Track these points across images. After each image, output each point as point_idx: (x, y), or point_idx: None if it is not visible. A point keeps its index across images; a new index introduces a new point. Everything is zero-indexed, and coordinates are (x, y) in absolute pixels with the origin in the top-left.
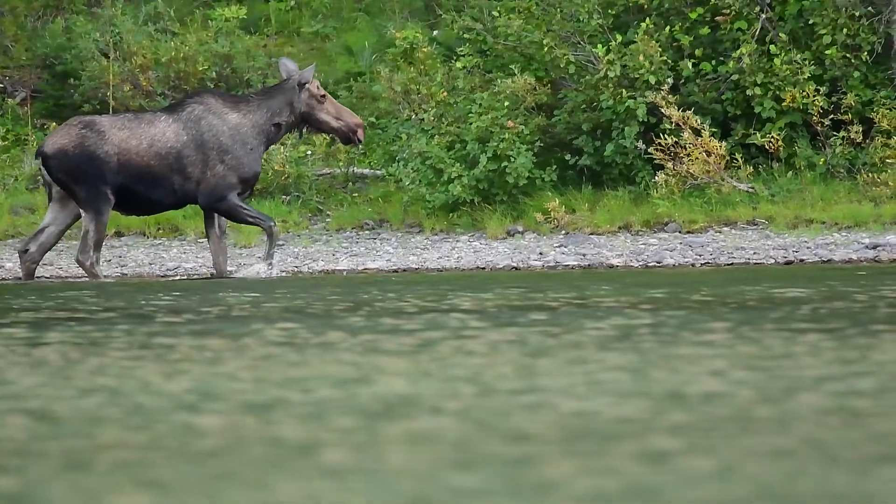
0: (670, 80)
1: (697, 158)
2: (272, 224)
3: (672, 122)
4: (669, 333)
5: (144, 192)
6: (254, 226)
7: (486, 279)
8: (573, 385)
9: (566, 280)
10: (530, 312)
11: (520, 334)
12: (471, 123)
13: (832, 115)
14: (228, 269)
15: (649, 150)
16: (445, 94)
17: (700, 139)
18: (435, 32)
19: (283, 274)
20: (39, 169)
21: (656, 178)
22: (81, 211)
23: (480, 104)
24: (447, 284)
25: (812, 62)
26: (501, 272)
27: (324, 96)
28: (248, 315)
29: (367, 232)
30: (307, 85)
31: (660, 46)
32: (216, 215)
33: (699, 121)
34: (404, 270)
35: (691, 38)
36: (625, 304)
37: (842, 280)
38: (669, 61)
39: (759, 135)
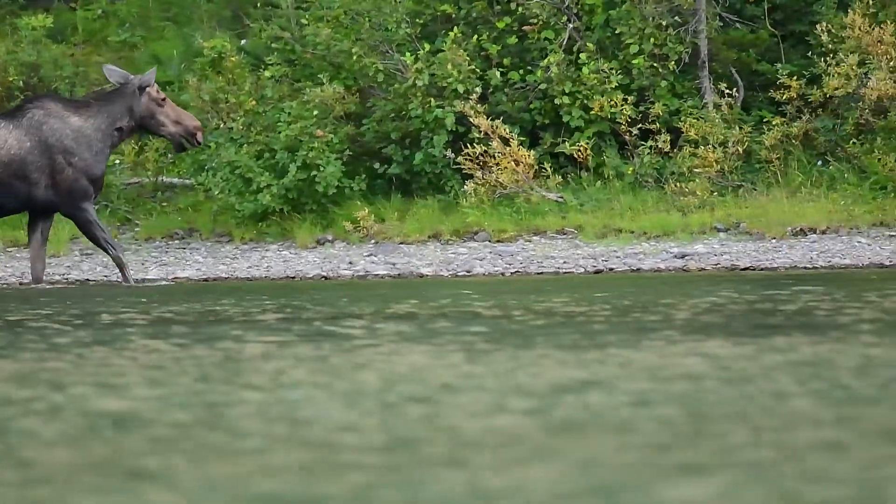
0: (479, 90)
1: (506, 168)
2: (121, 254)
3: (481, 132)
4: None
5: None
6: (100, 248)
7: (294, 289)
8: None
9: (372, 290)
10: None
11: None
12: (280, 132)
13: (640, 125)
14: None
15: (458, 159)
16: (254, 102)
17: (509, 148)
18: (243, 42)
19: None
20: None
21: (465, 187)
22: None
23: (289, 113)
24: (254, 294)
25: (619, 71)
26: (310, 281)
27: (164, 100)
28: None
29: (176, 241)
30: (147, 88)
31: (468, 55)
32: (42, 222)
33: (508, 130)
34: (214, 280)
35: (499, 48)
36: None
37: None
38: (478, 70)
39: (567, 144)
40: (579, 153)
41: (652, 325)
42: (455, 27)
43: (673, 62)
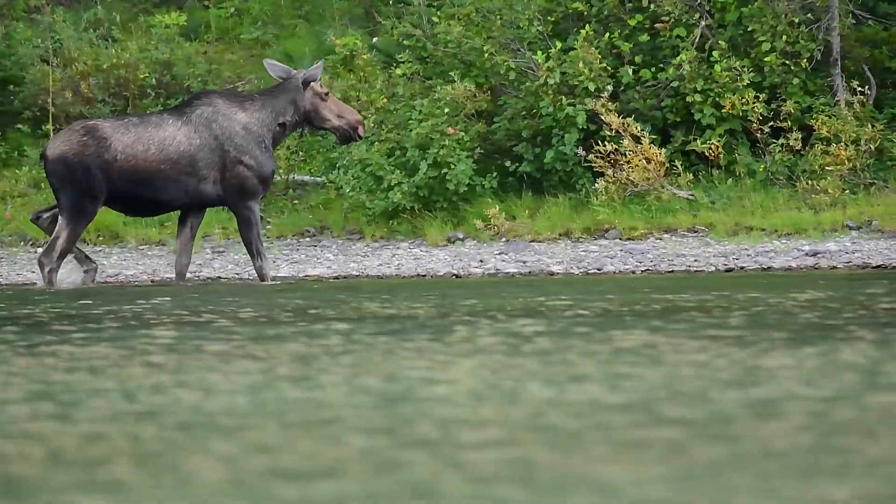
0: (610, 87)
1: (637, 165)
2: (263, 267)
3: (612, 129)
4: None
5: (152, 195)
6: (249, 252)
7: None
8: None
9: (510, 287)
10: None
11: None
12: (411, 130)
13: (772, 123)
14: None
15: (589, 156)
16: (385, 100)
17: (640, 146)
18: (374, 39)
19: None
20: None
21: (596, 184)
22: (60, 216)
23: (420, 111)
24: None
25: (751, 69)
26: (442, 279)
27: (327, 94)
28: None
29: (307, 239)
30: (312, 83)
31: (599, 53)
32: (193, 217)
33: (639, 128)
34: (345, 277)
35: (631, 45)
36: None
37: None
38: (609, 68)
39: (699, 142)
40: (710, 151)
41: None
42: (587, 25)
43: (805, 60)
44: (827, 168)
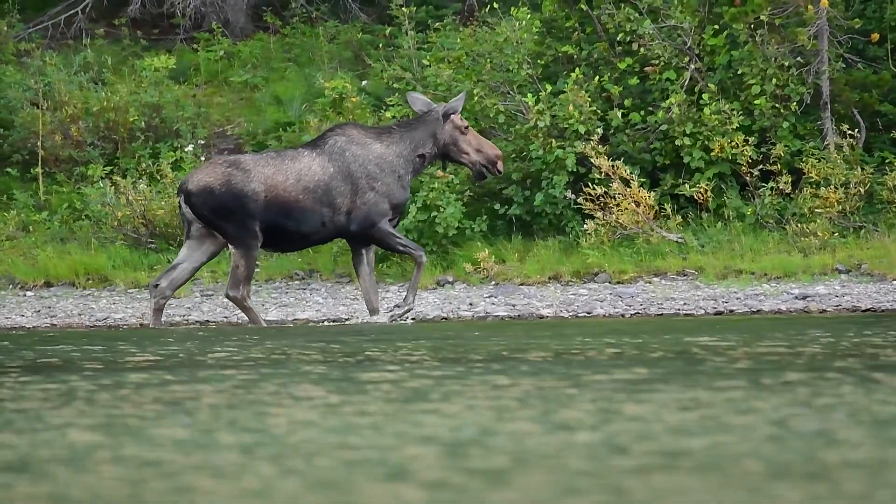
0: (600, 130)
1: (627, 209)
2: (423, 255)
3: (601, 172)
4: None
5: (293, 227)
6: (404, 254)
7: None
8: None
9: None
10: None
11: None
12: None
13: (761, 166)
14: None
15: (579, 199)
16: None
17: (629, 189)
18: (364, 82)
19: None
20: (180, 206)
21: (586, 227)
22: (231, 247)
23: None
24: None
25: (741, 112)
26: (431, 322)
27: (467, 127)
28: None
29: (296, 282)
30: (452, 116)
31: (589, 96)
32: (364, 252)
33: (628, 171)
34: (334, 321)
35: (620, 89)
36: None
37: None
38: (599, 111)
39: (688, 185)
40: (700, 194)
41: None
42: (576, 68)
43: (795, 103)
44: (816, 211)
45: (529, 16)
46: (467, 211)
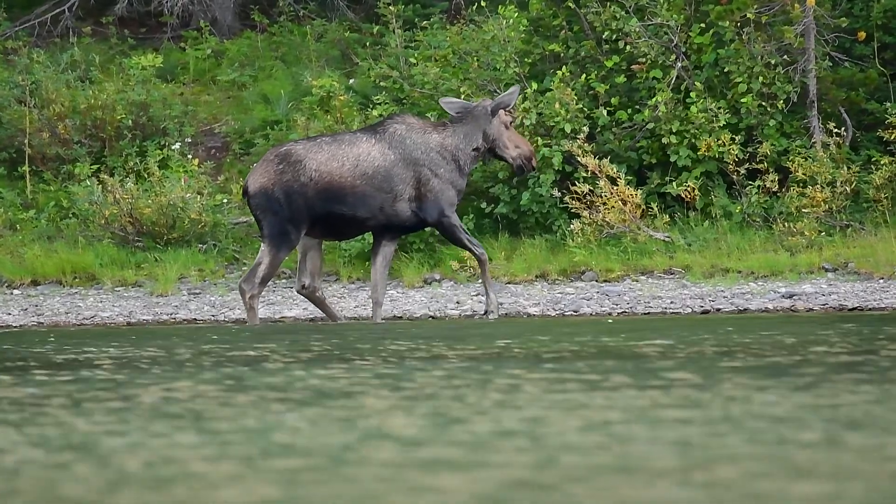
0: (586, 129)
1: (613, 207)
2: (484, 252)
3: (588, 171)
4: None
5: (350, 212)
6: (466, 250)
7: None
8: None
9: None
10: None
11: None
12: None
13: (748, 164)
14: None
15: (565, 198)
16: None
17: (616, 188)
18: (351, 80)
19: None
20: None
21: (572, 226)
22: (263, 243)
23: None
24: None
25: (728, 111)
26: (418, 321)
27: (511, 123)
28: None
29: (283, 280)
30: (501, 111)
31: (575, 94)
32: (386, 244)
33: (615, 169)
34: (322, 320)
35: (607, 87)
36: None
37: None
38: (585, 109)
39: (674, 183)
40: (686, 193)
41: None
42: (563, 66)
43: (781, 101)
44: (803, 210)
45: (516, 14)
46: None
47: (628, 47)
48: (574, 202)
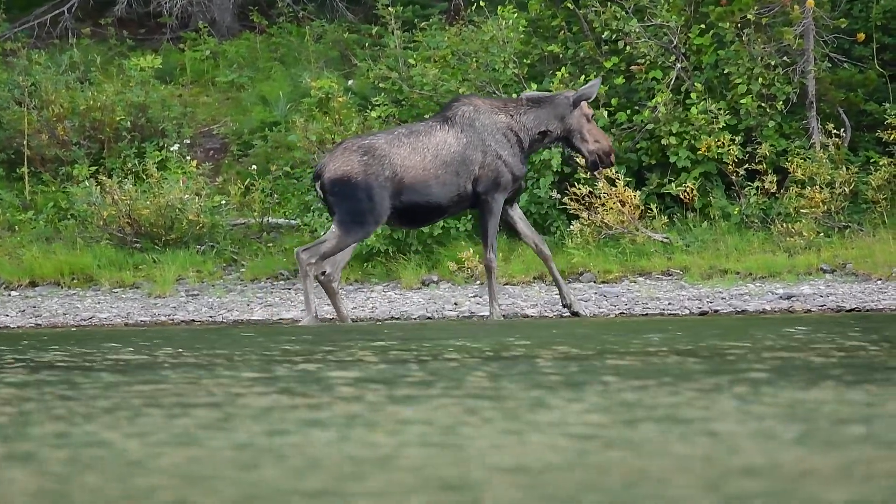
0: None
1: (612, 208)
2: (494, 259)
3: (587, 172)
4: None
5: (434, 202)
6: (483, 244)
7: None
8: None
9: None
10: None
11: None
12: None
13: (747, 165)
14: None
15: (564, 199)
16: None
17: (614, 189)
18: (350, 82)
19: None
20: (315, 191)
21: (571, 227)
22: (334, 224)
23: None
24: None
25: (727, 112)
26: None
27: (592, 116)
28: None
29: (281, 282)
30: (583, 103)
31: None
32: (514, 209)
33: (614, 170)
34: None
35: (606, 88)
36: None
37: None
38: None
39: (673, 184)
40: (685, 194)
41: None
42: (562, 67)
43: (780, 102)
44: (802, 211)
45: (515, 15)
46: None
47: (628, 48)
48: (573, 203)
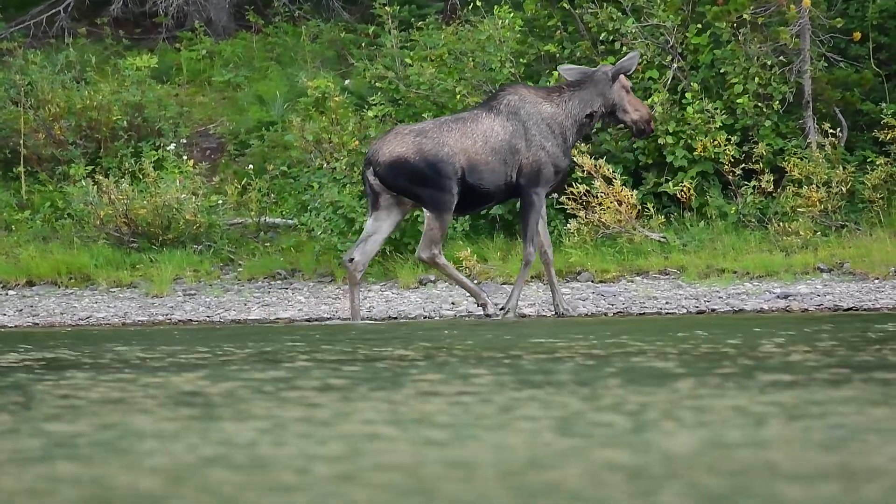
0: None
1: (609, 208)
2: (533, 254)
3: (584, 171)
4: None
5: (484, 188)
6: (523, 238)
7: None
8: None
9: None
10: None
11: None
12: None
13: (743, 165)
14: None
15: (561, 198)
16: (357, 143)
17: (612, 188)
18: (347, 81)
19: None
20: (366, 178)
21: (568, 226)
22: (426, 211)
23: None
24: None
25: (724, 111)
26: (413, 322)
27: (631, 88)
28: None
29: (279, 282)
30: (622, 76)
31: None
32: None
33: (611, 170)
34: (316, 320)
35: None
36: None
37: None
38: None
39: (670, 184)
40: (682, 193)
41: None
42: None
43: (777, 102)
44: (798, 210)
45: (512, 14)
46: None
47: (624, 48)
48: (570, 203)
